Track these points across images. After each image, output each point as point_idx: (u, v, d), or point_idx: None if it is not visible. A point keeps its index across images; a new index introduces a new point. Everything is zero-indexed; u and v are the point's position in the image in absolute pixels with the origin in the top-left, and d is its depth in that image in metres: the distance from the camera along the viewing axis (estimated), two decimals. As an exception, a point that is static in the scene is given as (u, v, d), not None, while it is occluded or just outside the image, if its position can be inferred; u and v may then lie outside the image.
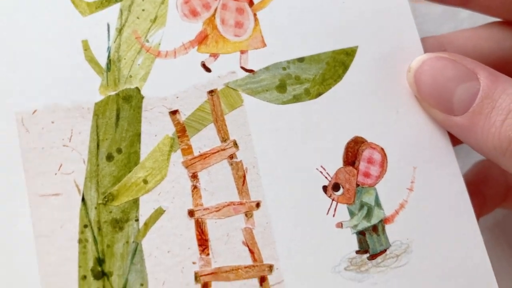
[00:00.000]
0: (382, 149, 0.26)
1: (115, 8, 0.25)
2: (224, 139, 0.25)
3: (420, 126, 0.26)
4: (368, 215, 0.25)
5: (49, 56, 0.24)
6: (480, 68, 0.24)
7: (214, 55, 0.25)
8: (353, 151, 0.26)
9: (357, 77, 0.26)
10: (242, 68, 0.25)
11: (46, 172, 0.22)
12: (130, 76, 0.24)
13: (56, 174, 0.23)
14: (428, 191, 0.25)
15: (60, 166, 0.23)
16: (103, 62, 0.24)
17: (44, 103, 0.23)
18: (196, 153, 0.24)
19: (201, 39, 0.25)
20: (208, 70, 0.25)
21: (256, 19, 0.26)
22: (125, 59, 0.24)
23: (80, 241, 0.22)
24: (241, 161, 0.24)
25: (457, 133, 0.25)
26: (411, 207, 0.25)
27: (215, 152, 0.24)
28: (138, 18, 0.25)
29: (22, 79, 0.23)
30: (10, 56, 0.23)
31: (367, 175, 0.26)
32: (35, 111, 0.23)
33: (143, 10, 0.25)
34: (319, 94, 0.26)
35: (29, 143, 0.23)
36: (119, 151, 0.23)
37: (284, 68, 0.26)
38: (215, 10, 0.26)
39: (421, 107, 0.26)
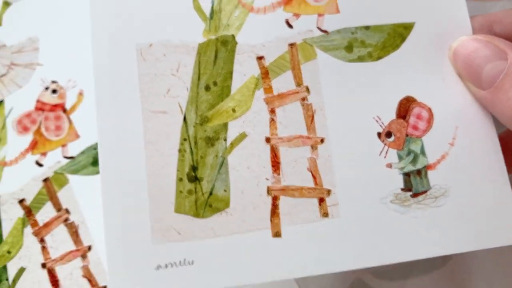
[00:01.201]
0: (430, 108, 0.31)
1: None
2: (298, 84, 0.31)
3: (461, 94, 0.32)
4: (414, 160, 0.31)
5: (166, 2, 0.30)
6: (511, 48, 0.26)
7: (296, 15, 0.32)
8: (405, 107, 0.32)
9: (412, 48, 0.32)
10: (318, 28, 0.32)
11: (157, 94, 0.29)
12: (228, 25, 0.31)
13: (164, 96, 0.29)
14: (467, 147, 0.31)
15: (168, 90, 0.30)
16: (207, 11, 0.31)
17: (159, 39, 0.30)
18: (275, 93, 0.31)
19: (288, 1, 0.32)
20: (290, 26, 0.31)
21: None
22: (224, 10, 0.31)
23: (179, 150, 0.29)
24: (311, 103, 0.31)
25: (484, 104, 0.28)
26: (451, 159, 0.30)
27: (290, 94, 0.31)
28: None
29: (142, 19, 0.30)
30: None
31: (415, 128, 0.31)
32: (151, 44, 0.30)
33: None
34: (379, 58, 0.31)
35: (145, 69, 0.30)
36: (215, 84, 0.30)
37: (352, 33, 0.32)
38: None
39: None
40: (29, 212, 0.32)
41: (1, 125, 0.34)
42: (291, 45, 0.30)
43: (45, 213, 0.32)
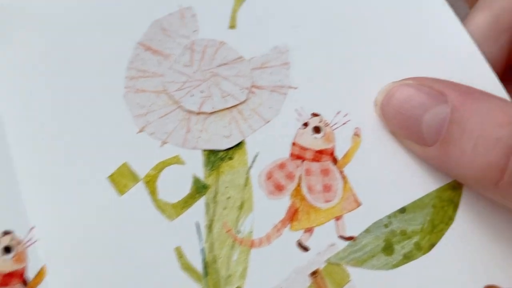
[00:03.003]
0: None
1: (200, 203, 0.26)
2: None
3: None
4: None
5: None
6: (451, 88, 0.23)
7: (309, 230, 0.26)
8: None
9: (471, 213, 0.26)
10: (341, 237, 0.26)
11: None
12: (229, 276, 0.25)
13: None
14: None
15: None
16: (199, 266, 0.26)
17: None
18: None
19: (292, 215, 0.26)
20: (305, 249, 0.26)
21: (344, 177, 0.26)
22: (220, 258, 0.26)
23: None
24: None
25: (434, 165, 0.25)
26: None
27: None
28: (225, 208, 0.26)
29: None
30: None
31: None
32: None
33: (228, 198, 0.26)
34: (432, 245, 0.25)
35: None
36: None
37: (386, 225, 0.26)
38: (300, 178, 0.27)
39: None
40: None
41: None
42: (314, 274, 0.25)
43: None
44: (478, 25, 0.28)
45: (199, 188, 0.26)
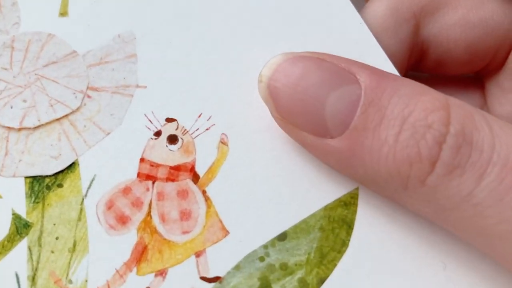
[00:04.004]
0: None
1: (21, 247, 0.21)
2: None
3: None
4: None
5: None
6: (360, 66, 0.19)
7: (161, 273, 0.20)
8: None
9: (369, 234, 0.20)
10: (203, 278, 0.20)
11: None
12: None
13: None
14: None
15: None
16: None
17: None
18: None
19: (139, 255, 0.20)
20: (158, 299, 0.20)
21: (207, 199, 0.21)
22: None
23: None
24: None
25: (337, 164, 0.19)
26: None
27: None
28: (52, 252, 0.21)
29: None
30: None
31: None
32: None
33: (56, 238, 0.21)
34: (322, 281, 0.20)
35: None
36: None
37: (261, 259, 0.20)
38: (150, 205, 0.21)
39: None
40: None
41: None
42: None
43: None
44: (375, 14, 0.23)
45: (20, 228, 0.21)
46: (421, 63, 0.25)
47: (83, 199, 0.21)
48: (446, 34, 0.23)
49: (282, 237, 0.20)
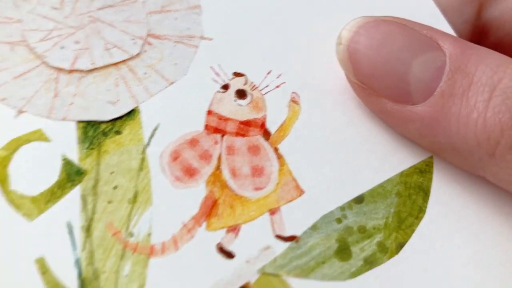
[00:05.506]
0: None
1: (74, 195, 0.19)
2: None
3: None
4: None
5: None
6: (441, 34, 0.19)
7: (233, 229, 0.19)
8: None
9: (444, 203, 0.20)
10: (278, 237, 0.19)
11: None
12: (118, 300, 0.18)
13: None
14: None
15: None
16: (73, 285, 0.18)
17: None
18: None
19: (209, 210, 0.19)
20: (229, 255, 0.19)
21: (279, 157, 0.20)
22: (104, 272, 0.18)
23: None
24: None
25: (418, 132, 0.20)
26: None
27: None
28: (110, 202, 0.19)
29: None
30: None
31: None
32: None
33: (114, 187, 0.19)
34: (401, 246, 0.20)
35: None
36: None
37: (339, 220, 0.20)
38: (219, 159, 0.20)
39: None
40: None
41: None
42: (243, 291, 0.18)
43: None
44: None
45: (72, 175, 0.19)
46: (480, 44, 0.26)
47: (145, 148, 0.20)
48: (508, 17, 0.25)
49: (359, 200, 0.20)
